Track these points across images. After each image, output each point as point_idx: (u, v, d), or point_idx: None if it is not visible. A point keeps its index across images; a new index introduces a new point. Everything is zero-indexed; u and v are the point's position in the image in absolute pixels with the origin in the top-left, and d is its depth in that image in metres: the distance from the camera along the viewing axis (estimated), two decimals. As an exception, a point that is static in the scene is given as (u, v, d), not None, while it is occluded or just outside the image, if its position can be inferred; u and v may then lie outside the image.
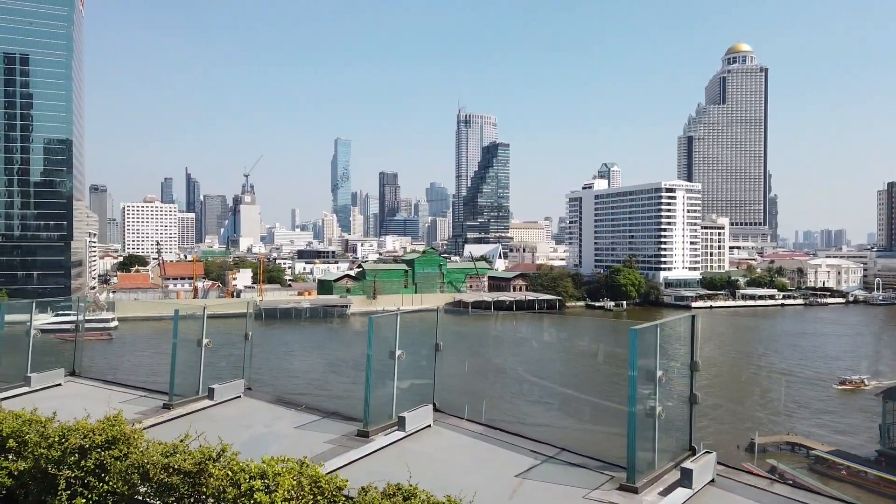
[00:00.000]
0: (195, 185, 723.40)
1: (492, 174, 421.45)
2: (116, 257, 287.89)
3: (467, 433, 11.55)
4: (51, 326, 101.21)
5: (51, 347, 17.31)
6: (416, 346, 12.53)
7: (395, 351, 11.78)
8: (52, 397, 13.69)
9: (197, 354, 13.65)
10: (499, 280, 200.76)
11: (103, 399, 13.33)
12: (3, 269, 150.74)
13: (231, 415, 12.75)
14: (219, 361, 14.24)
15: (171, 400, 12.86)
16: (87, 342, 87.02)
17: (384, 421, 11.42)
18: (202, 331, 13.76)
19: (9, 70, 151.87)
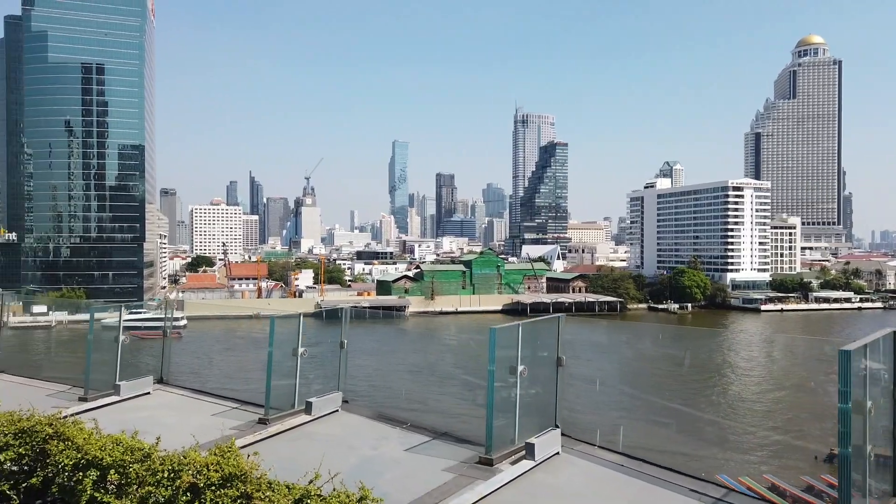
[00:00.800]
0: (259, 188, 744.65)
1: (549, 174, 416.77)
2: (185, 258, 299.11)
3: (605, 464, 9.83)
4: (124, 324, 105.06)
5: (137, 352, 16.01)
6: (536, 359, 10.83)
7: (518, 366, 10.04)
8: (142, 407, 13.18)
9: (292, 364, 12.58)
10: (557, 281, 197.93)
11: (194, 411, 12.93)
12: (81, 270, 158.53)
13: (332, 433, 11.76)
14: (310, 370, 13.11)
15: (267, 414, 11.85)
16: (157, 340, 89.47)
17: (507, 446, 9.92)
18: (298, 338, 12.64)
19: (86, 79, 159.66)
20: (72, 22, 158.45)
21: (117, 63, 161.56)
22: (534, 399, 10.57)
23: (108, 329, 14.70)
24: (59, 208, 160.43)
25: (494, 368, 9.71)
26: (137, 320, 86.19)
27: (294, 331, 12.78)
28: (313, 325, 14.45)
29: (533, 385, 10.39)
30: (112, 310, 16.94)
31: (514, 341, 10.02)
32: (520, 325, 10.05)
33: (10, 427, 7.90)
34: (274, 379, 12.30)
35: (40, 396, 13.10)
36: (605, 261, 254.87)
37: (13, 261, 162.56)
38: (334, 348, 13.44)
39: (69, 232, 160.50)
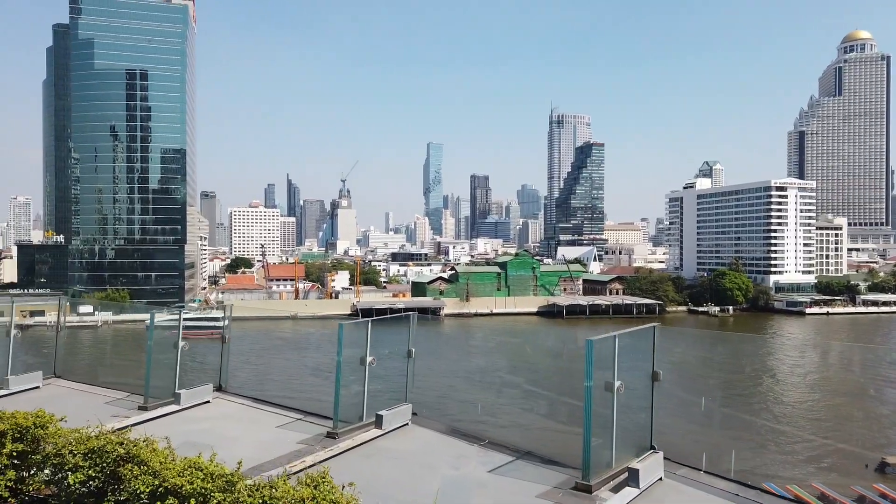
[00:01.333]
0: (296, 191, 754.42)
1: (585, 175, 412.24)
2: (224, 259, 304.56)
3: (715, 493, 8.79)
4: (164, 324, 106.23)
5: (196, 359, 15.67)
6: (632, 374, 9.96)
7: (615, 382, 9.06)
8: (203, 418, 12.53)
9: (359, 373, 11.71)
10: (594, 283, 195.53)
11: (257, 423, 12.27)
12: (125, 271, 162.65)
13: (406, 449, 10.74)
14: (377, 380, 12.20)
15: (335, 427, 10.93)
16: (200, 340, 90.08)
17: (604, 471, 9.01)
18: (366, 346, 11.59)
19: (130, 85, 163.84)
20: (117, 29, 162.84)
21: (160, 69, 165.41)
22: (630, 418, 9.70)
23: (166, 334, 14.10)
24: (104, 211, 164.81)
25: (592, 384, 8.71)
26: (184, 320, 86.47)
27: (362, 337, 11.90)
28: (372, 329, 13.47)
29: (629, 402, 9.49)
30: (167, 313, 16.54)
31: (610, 354, 9.06)
32: (616, 335, 9.25)
33: (79, 446, 7.34)
34: (342, 390, 11.54)
35: (99, 404, 12.97)
36: (642, 262, 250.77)
37: (61, 262, 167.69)
38: (400, 356, 12.61)
39: (114, 234, 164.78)
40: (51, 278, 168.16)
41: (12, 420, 7.45)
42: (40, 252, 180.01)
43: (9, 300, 14.09)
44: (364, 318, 65.90)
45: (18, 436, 7.44)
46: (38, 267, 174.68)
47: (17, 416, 7.49)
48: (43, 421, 7.65)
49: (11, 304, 14.50)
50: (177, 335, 13.95)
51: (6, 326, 14.46)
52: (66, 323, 16.51)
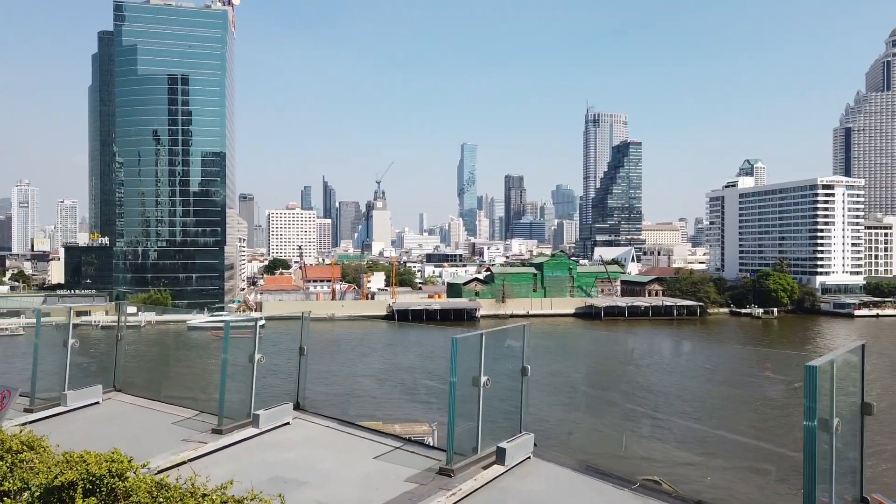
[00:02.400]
0: (331, 193, 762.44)
1: (622, 174, 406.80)
2: (262, 261, 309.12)
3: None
4: (206, 325, 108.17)
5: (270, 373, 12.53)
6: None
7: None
8: (286, 445, 10.83)
9: (471, 397, 9.61)
10: (632, 284, 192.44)
11: (350, 451, 10.52)
12: (167, 273, 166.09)
13: (534, 490, 8.86)
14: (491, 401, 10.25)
15: (450, 462, 8.92)
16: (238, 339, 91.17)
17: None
18: (480, 363, 9.47)
19: (171, 90, 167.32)
20: (159, 35, 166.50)
21: (201, 74, 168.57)
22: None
23: (240, 345, 12.23)
24: (146, 214, 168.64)
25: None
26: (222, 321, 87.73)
27: (474, 351, 9.62)
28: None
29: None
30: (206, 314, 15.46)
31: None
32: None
33: None
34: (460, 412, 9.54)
35: (165, 425, 11.50)
36: (682, 263, 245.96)
37: (106, 263, 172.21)
38: (512, 375, 10.53)
39: (156, 236, 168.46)
40: (96, 279, 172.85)
41: (82, 466, 5.67)
42: (86, 254, 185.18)
43: (66, 306, 12.99)
44: (401, 319, 65.03)
45: (90, 487, 5.66)
46: (84, 268, 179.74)
47: (89, 459, 5.71)
48: (121, 468, 5.73)
49: (69, 311, 13.20)
50: (252, 345, 11.67)
51: (62, 333, 13.16)
52: (126, 330, 14.26)
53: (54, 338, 13.46)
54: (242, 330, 62.81)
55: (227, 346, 11.85)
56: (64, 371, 12.69)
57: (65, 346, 12.78)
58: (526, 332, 10.29)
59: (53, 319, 15.15)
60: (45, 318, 14.04)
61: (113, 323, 14.66)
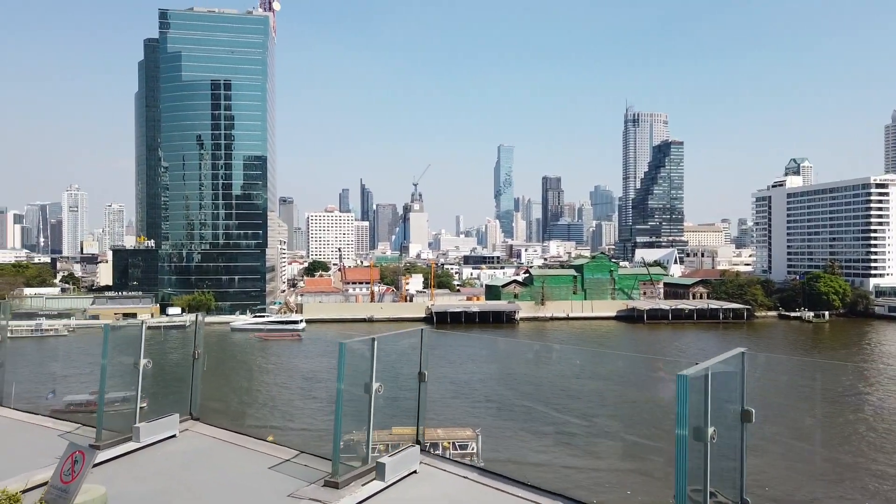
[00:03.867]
0: (369, 195, 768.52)
1: (664, 174, 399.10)
2: (302, 263, 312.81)
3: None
4: (248, 326, 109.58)
5: None
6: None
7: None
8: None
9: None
10: (676, 287, 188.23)
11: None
12: (210, 275, 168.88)
13: None
14: None
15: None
16: (280, 341, 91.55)
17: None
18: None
19: (215, 95, 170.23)
20: (202, 42, 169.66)
21: (242, 79, 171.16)
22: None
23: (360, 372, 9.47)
24: (190, 217, 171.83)
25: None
26: (264, 323, 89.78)
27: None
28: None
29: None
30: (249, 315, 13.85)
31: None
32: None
33: None
34: None
35: (261, 469, 9.26)
36: (727, 265, 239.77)
37: (151, 266, 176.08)
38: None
39: (199, 239, 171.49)
40: (143, 281, 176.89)
41: None
42: (133, 256, 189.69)
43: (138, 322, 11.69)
44: (439, 321, 63.78)
45: None
46: (131, 270, 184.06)
47: None
48: None
49: (141, 326, 10.91)
50: (370, 374, 9.09)
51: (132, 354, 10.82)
52: (202, 348, 11.84)
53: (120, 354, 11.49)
54: (281, 333, 63.27)
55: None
56: (135, 400, 10.70)
57: (135, 367, 10.76)
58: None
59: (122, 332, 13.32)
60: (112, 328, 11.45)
61: (159, 324, 13.71)
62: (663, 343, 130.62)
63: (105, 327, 10.75)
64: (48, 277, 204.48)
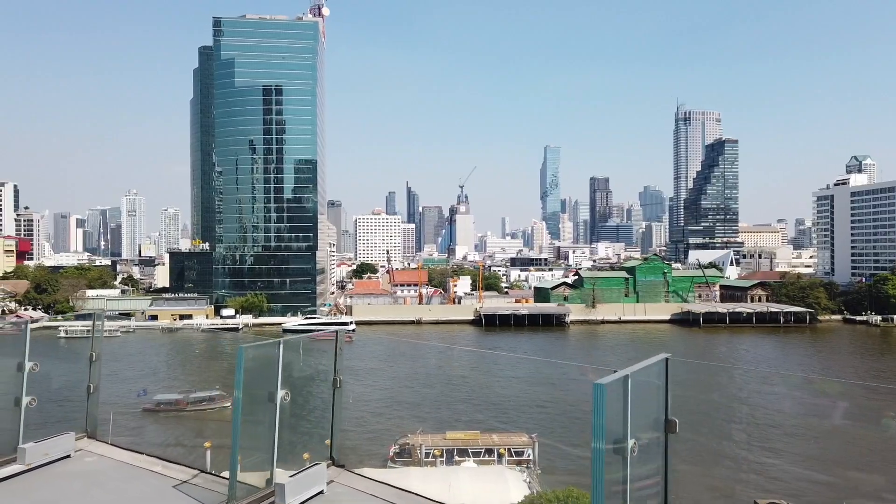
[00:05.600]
0: (415, 198, 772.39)
1: (717, 174, 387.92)
2: (350, 265, 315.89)
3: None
4: (300, 327, 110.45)
5: None
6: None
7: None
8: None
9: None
10: (733, 289, 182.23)
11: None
12: (263, 277, 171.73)
13: None
14: None
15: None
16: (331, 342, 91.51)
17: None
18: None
19: (266, 100, 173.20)
20: (254, 48, 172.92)
21: (293, 84, 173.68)
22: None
23: None
24: (243, 220, 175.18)
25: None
26: (314, 324, 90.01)
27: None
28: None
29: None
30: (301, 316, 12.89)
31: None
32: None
33: None
34: None
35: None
36: (786, 267, 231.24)
37: (206, 268, 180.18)
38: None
39: (252, 242, 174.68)
40: (198, 283, 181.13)
41: None
42: (188, 259, 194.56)
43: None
44: (488, 324, 62.89)
45: None
46: (187, 273, 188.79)
47: None
48: None
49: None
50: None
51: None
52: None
53: None
54: (328, 333, 61.64)
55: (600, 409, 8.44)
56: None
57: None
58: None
59: None
60: None
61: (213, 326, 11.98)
62: (719, 347, 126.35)
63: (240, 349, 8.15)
64: (109, 279, 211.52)
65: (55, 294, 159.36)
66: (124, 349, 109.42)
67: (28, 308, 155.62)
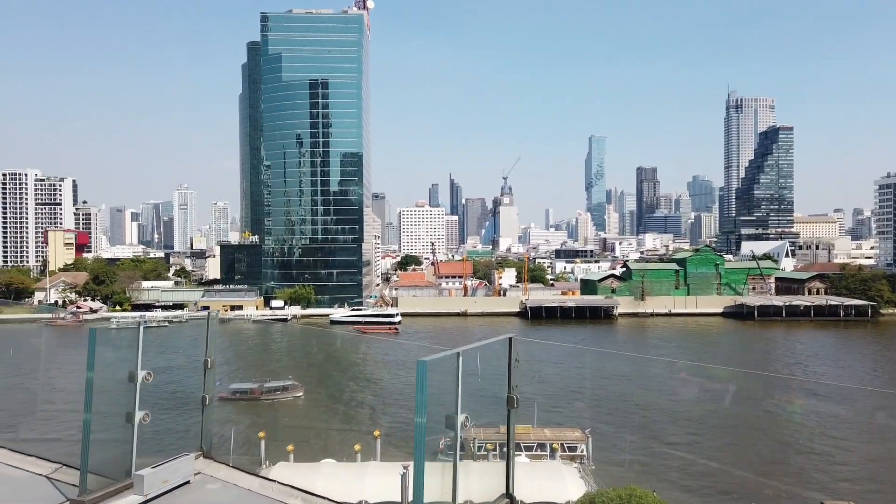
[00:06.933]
0: (458, 190, 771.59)
1: (771, 162, 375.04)
2: (395, 257, 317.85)
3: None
4: (347, 319, 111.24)
5: None
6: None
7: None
8: None
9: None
10: (789, 282, 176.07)
11: None
12: (310, 269, 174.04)
13: None
14: None
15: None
16: (376, 335, 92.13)
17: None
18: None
19: (313, 94, 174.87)
20: (301, 42, 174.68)
21: (339, 77, 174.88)
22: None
23: None
24: (291, 213, 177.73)
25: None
26: (361, 316, 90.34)
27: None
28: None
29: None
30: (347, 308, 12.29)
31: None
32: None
33: None
34: None
35: None
36: (845, 258, 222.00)
37: (255, 260, 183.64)
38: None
39: (300, 234, 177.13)
40: (247, 275, 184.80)
41: None
42: (238, 251, 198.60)
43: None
44: (534, 316, 62.07)
45: None
46: (237, 265, 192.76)
47: None
48: None
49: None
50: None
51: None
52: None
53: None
54: (378, 325, 62.30)
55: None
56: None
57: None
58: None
59: None
60: None
61: (263, 317, 11.29)
62: (775, 340, 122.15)
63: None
64: (163, 271, 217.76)
65: (112, 285, 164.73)
66: (179, 339, 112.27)
67: (87, 299, 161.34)
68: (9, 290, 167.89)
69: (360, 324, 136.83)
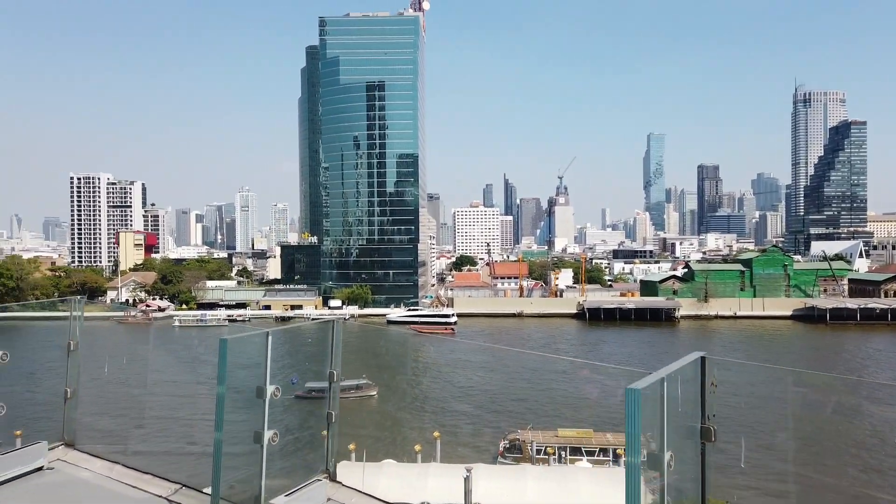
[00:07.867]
0: (512, 190, 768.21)
1: (842, 158, 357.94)
2: (449, 258, 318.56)
3: None
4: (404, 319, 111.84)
5: None
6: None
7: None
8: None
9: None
10: (863, 283, 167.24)
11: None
12: (367, 269, 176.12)
13: None
14: None
15: None
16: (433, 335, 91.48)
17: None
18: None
19: (370, 96, 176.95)
20: (358, 45, 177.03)
21: (395, 79, 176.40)
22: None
23: None
24: (348, 214, 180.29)
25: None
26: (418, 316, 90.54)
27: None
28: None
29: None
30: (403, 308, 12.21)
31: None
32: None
33: None
34: None
35: None
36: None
37: (314, 260, 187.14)
38: None
39: (357, 235, 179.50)
40: (306, 275, 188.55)
41: None
42: (298, 252, 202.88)
43: None
44: (592, 318, 60.17)
45: None
46: (297, 265, 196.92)
47: None
48: None
49: None
50: None
51: None
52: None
53: None
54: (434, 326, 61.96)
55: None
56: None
57: None
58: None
59: None
60: None
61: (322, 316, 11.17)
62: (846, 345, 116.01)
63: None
64: (226, 271, 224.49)
65: (178, 285, 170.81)
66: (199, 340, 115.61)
67: (155, 298, 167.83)
68: (83, 289, 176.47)
69: (417, 324, 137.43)
